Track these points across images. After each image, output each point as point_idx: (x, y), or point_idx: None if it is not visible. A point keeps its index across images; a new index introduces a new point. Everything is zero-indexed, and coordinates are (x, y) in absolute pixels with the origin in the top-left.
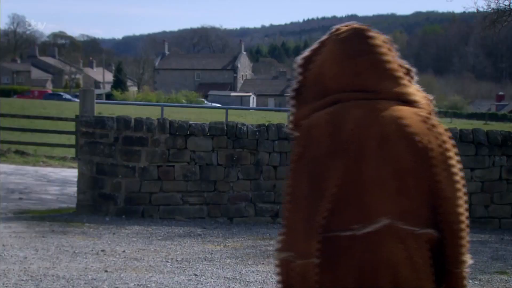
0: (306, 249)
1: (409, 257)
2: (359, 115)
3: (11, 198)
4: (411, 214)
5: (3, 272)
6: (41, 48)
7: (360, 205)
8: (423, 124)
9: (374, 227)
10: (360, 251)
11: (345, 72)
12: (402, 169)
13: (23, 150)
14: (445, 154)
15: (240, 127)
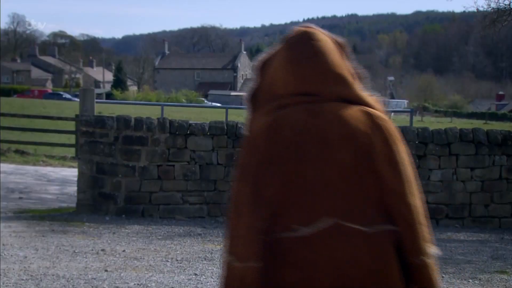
0: (246, 253)
1: (357, 256)
2: (301, 119)
3: (11, 197)
4: (358, 213)
5: (3, 272)
6: (41, 47)
7: (304, 207)
8: (368, 122)
9: (318, 228)
10: (305, 252)
11: (291, 77)
12: (345, 169)
13: (23, 149)
14: (390, 149)
15: (240, 126)
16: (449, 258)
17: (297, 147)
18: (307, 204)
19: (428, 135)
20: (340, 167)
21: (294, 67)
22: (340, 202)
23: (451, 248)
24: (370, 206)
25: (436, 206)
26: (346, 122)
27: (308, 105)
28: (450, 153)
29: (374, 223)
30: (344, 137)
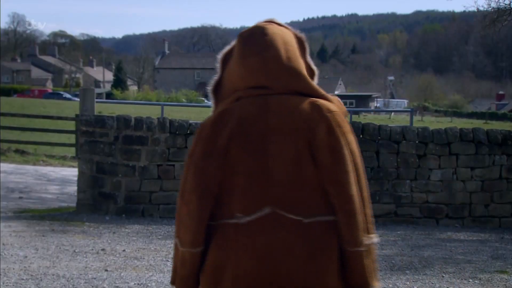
0: (189, 239)
1: (291, 245)
2: (247, 112)
3: (11, 197)
4: (297, 202)
5: (3, 271)
6: (41, 47)
7: (246, 196)
8: (314, 113)
9: (256, 216)
10: (242, 239)
11: (243, 70)
12: (287, 160)
13: (23, 149)
14: (334, 140)
15: None
16: (449, 257)
17: (241, 139)
18: (249, 193)
19: (428, 135)
20: (282, 158)
21: (245, 61)
22: (279, 192)
23: (451, 248)
24: (310, 196)
25: (436, 205)
26: (291, 114)
27: (257, 98)
28: (450, 152)
29: (312, 213)
30: (287, 128)
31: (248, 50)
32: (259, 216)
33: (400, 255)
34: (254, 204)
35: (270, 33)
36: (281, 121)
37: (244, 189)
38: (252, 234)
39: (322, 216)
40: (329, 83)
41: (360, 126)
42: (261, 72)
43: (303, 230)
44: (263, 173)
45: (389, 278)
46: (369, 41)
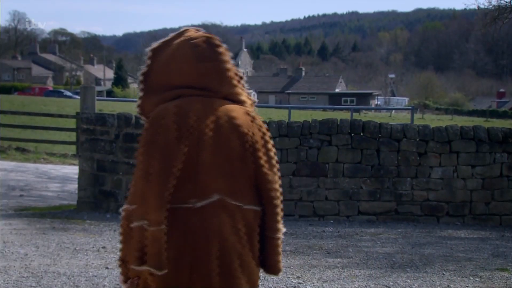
0: (158, 218)
1: (235, 226)
2: (199, 108)
3: (12, 195)
4: (238, 192)
5: (4, 269)
6: (41, 45)
7: (197, 183)
8: (248, 119)
9: (207, 202)
10: (195, 221)
11: (193, 72)
12: (232, 155)
13: (23, 147)
14: (265, 142)
15: None
16: (449, 255)
17: (197, 132)
18: (200, 181)
19: (429, 133)
20: (229, 153)
21: (199, 65)
22: (226, 182)
23: (452, 246)
24: (247, 188)
25: (436, 203)
26: (233, 117)
27: (204, 98)
28: (451, 150)
29: (248, 202)
30: (233, 128)
31: (204, 56)
32: (210, 202)
33: (401, 253)
34: (205, 192)
35: (222, 45)
36: (226, 121)
37: (196, 177)
38: (205, 217)
39: (253, 206)
40: (330, 81)
41: (360, 124)
42: (211, 77)
43: (242, 214)
44: (213, 165)
45: (389, 276)
46: (369, 39)
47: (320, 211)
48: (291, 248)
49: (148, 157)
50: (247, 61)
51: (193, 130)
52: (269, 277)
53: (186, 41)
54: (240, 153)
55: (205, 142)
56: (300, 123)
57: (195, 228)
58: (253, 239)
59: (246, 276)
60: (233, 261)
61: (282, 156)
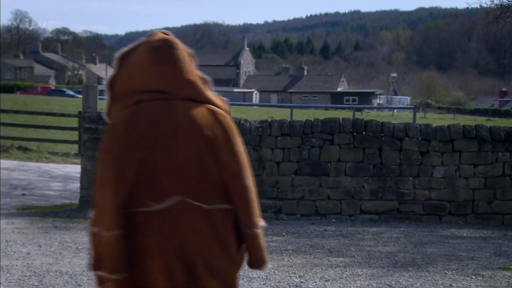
0: (111, 224)
1: (197, 227)
2: (156, 113)
3: (14, 194)
4: (202, 192)
5: (6, 268)
6: (44, 44)
7: (155, 186)
8: (212, 118)
9: (166, 204)
10: (155, 224)
11: (152, 76)
12: (192, 156)
13: (26, 146)
14: (229, 140)
15: (243, 123)
16: (452, 254)
17: (151, 136)
18: (159, 184)
19: (431, 132)
20: (187, 154)
21: (157, 68)
22: (186, 183)
23: (454, 245)
24: (211, 187)
25: (439, 202)
26: (192, 117)
27: (163, 101)
28: (453, 149)
29: (214, 201)
30: (191, 129)
31: (161, 59)
32: (169, 204)
33: (403, 252)
34: (164, 194)
35: (179, 48)
36: (185, 123)
37: (153, 181)
38: (164, 220)
39: (221, 204)
40: (332, 80)
41: (363, 123)
42: (169, 80)
43: (206, 215)
44: (171, 167)
45: (391, 275)
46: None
47: (322, 210)
48: (293, 247)
49: (103, 165)
50: (249, 60)
51: (146, 135)
52: (272, 276)
53: (146, 46)
54: (200, 153)
55: (161, 146)
56: (302, 122)
57: (154, 231)
58: (223, 238)
59: (215, 277)
60: (196, 262)
61: (284, 155)
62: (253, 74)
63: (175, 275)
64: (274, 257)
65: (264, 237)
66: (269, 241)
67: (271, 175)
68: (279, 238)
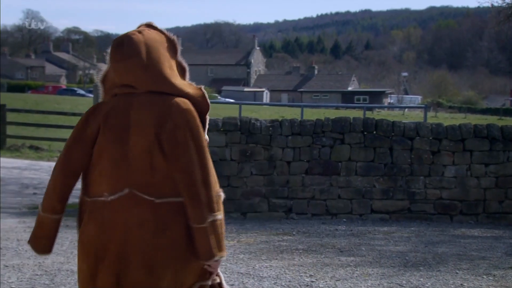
0: (46, 206)
1: (143, 220)
2: (116, 107)
3: (26, 193)
4: (152, 185)
5: (18, 267)
6: (55, 43)
7: (111, 177)
8: (166, 110)
9: (117, 195)
10: (107, 213)
11: (120, 70)
12: (142, 150)
13: (37, 145)
14: (179, 134)
15: (254, 122)
16: (463, 254)
17: (106, 130)
18: (114, 176)
19: (442, 131)
20: (138, 147)
21: (116, 65)
22: (136, 176)
23: (465, 244)
24: (163, 181)
25: (450, 202)
26: (147, 111)
27: (127, 95)
28: (464, 149)
29: (164, 195)
30: (143, 122)
31: (117, 56)
32: (120, 196)
33: (414, 251)
34: (117, 186)
35: (135, 42)
36: (140, 116)
37: (109, 172)
38: (115, 210)
39: (171, 198)
40: (343, 79)
41: (373, 122)
42: (127, 75)
43: (155, 209)
44: (123, 160)
45: (402, 274)
46: (382, 37)
47: (333, 210)
48: (303, 247)
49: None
50: (259, 59)
51: (102, 129)
52: (282, 275)
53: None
54: (149, 147)
55: (113, 139)
56: (313, 121)
57: (105, 220)
58: (172, 231)
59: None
60: (137, 253)
61: (294, 154)
62: (263, 74)
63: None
64: (285, 257)
65: (275, 236)
66: (280, 240)
67: (282, 174)
68: (289, 238)
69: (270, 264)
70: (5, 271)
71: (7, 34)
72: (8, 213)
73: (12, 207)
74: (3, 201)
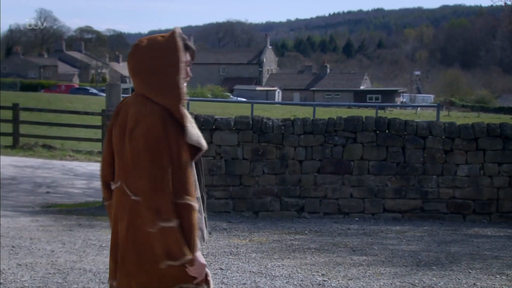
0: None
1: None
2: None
3: (39, 192)
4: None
5: (31, 265)
6: (67, 42)
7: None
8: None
9: (115, 186)
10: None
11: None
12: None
13: (50, 144)
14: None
15: (266, 121)
16: (476, 253)
17: (116, 124)
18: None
19: (455, 130)
20: (118, 146)
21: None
22: (125, 170)
23: (478, 244)
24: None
25: (463, 201)
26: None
27: (133, 94)
28: (477, 148)
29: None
30: (121, 123)
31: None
32: (116, 187)
33: (427, 250)
34: (117, 176)
35: (137, 49)
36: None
37: (115, 163)
38: (114, 200)
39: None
40: (355, 78)
41: (386, 121)
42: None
43: (131, 205)
44: (121, 153)
45: (415, 274)
46: (395, 36)
47: (345, 209)
48: (316, 246)
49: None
50: (271, 58)
51: (115, 123)
52: (295, 274)
53: None
54: (121, 146)
55: (119, 132)
56: (325, 120)
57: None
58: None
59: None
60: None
61: (307, 153)
62: (275, 72)
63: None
64: (297, 256)
65: (287, 235)
66: (292, 239)
67: (294, 173)
68: (301, 237)
69: (282, 263)
70: (18, 270)
71: (20, 33)
72: (21, 212)
73: (25, 206)
74: (16, 200)
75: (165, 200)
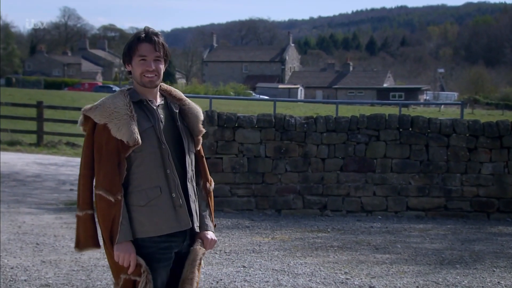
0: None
1: None
2: None
3: (62, 189)
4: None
5: (55, 263)
6: (91, 41)
7: None
8: None
9: None
10: None
11: None
12: None
13: (73, 142)
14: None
15: (288, 119)
16: (500, 252)
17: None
18: None
19: (479, 128)
20: None
21: None
22: None
23: (502, 242)
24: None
25: (487, 199)
26: None
27: None
28: (502, 146)
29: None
30: None
31: None
32: None
33: (450, 249)
34: None
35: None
36: None
37: None
38: None
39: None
40: (378, 76)
41: (409, 119)
42: None
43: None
44: None
45: (439, 272)
46: (418, 33)
47: (368, 207)
48: (338, 244)
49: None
50: (294, 56)
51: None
52: (317, 272)
53: None
54: None
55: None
56: (348, 118)
57: None
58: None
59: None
60: None
61: (329, 151)
62: (298, 70)
63: None
64: (320, 254)
65: (309, 233)
66: (314, 237)
67: (317, 171)
68: (324, 235)
69: (305, 261)
70: (42, 267)
71: (44, 32)
72: (45, 209)
73: (49, 203)
74: (40, 197)
75: (79, 190)
